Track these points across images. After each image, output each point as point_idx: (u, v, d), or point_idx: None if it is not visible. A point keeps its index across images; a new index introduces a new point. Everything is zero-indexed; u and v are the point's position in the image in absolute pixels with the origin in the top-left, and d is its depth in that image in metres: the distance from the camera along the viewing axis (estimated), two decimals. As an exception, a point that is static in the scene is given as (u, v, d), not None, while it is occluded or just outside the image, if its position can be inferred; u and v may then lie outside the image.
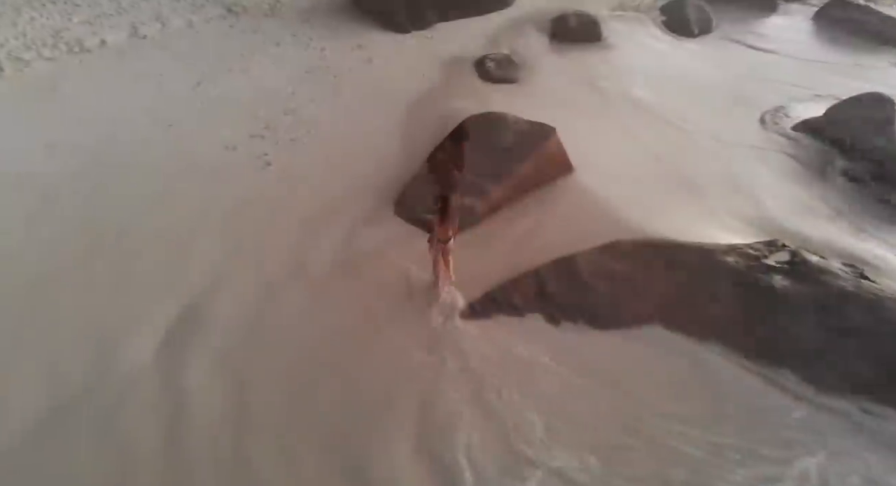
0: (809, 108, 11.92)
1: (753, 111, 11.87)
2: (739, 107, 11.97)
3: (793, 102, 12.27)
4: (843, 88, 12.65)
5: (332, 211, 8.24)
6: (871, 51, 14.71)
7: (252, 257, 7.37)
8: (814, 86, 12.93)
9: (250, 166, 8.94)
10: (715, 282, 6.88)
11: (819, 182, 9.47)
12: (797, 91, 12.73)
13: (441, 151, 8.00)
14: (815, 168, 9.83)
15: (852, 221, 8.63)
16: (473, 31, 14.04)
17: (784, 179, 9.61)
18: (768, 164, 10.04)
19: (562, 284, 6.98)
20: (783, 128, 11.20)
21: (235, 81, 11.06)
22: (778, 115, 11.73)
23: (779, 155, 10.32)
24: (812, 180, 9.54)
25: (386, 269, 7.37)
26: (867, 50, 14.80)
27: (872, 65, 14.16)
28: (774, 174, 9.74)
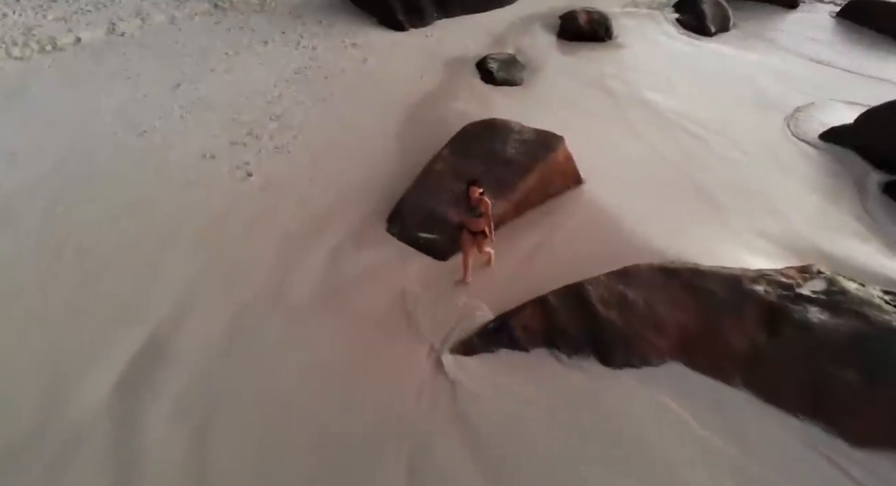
0: (836, 113, 11.28)
1: (776, 116, 11.22)
2: (760, 111, 11.32)
3: (817, 106, 11.62)
4: (870, 92, 12.04)
5: (317, 227, 7.63)
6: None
7: (225, 279, 6.77)
8: (839, 89, 12.27)
9: (229, 177, 8.34)
10: (742, 314, 6.23)
11: (852, 197, 8.81)
12: (822, 94, 12.08)
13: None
14: (846, 181, 9.19)
15: (890, 241, 7.97)
16: (476, 29, 13.41)
17: (812, 193, 8.96)
18: (794, 175, 9.39)
19: (570, 314, 6.34)
20: (809, 135, 10.54)
21: (218, 82, 10.46)
22: (802, 120, 11.08)
23: (805, 165, 9.67)
24: (844, 194, 8.89)
25: (375, 294, 6.76)
26: (894, 50, 14.11)
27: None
28: (801, 187, 9.09)
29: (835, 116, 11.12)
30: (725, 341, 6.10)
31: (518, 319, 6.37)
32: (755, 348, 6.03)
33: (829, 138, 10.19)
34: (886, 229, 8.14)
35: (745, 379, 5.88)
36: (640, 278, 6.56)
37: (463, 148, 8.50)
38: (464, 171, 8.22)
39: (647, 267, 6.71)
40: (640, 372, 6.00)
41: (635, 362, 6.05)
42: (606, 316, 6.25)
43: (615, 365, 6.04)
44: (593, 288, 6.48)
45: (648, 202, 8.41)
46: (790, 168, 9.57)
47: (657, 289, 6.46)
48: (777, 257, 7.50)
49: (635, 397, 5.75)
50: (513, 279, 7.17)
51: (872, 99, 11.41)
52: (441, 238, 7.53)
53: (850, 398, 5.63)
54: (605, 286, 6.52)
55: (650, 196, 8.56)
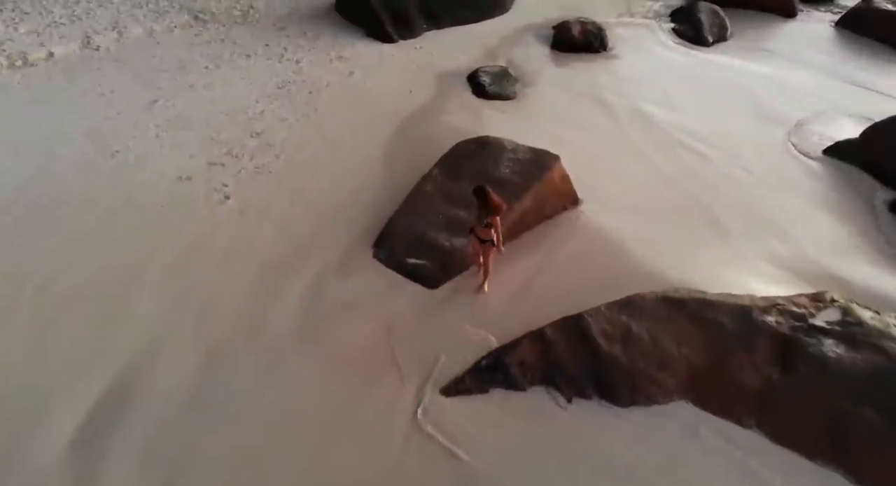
0: (839, 127, 11.01)
1: (777, 130, 10.95)
2: (761, 125, 11.05)
3: (820, 119, 11.35)
4: (873, 104, 11.80)
5: (298, 255, 7.26)
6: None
7: (197, 317, 6.38)
8: (841, 101, 12.03)
9: (206, 201, 7.96)
10: (753, 348, 5.91)
11: (860, 216, 8.53)
12: (823, 107, 11.81)
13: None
14: (853, 199, 8.91)
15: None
16: (467, 41, 13.12)
17: (819, 213, 8.67)
18: (800, 194, 9.10)
19: (570, 349, 5.99)
20: (812, 150, 10.27)
21: (197, 98, 10.09)
22: (805, 135, 10.80)
23: (811, 183, 9.39)
24: (852, 214, 8.61)
25: (359, 329, 6.39)
26: (894, 60, 13.91)
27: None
28: (808, 206, 8.80)
29: (838, 130, 10.86)
30: (736, 379, 5.77)
31: (514, 355, 6.01)
32: (768, 385, 5.71)
33: (834, 154, 9.94)
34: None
35: (759, 420, 5.55)
36: (644, 309, 6.23)
37: (454, 168, 8.17)
38: (454, 192, 7.90)
39: (650, 296, 6.38)
40: (646, 412, 5.66)
41: (641, 402, 5.71)
42: (609, 352, 5.91)
43: (620, 405, 5.69)
44: (594, 320, 6.14)
45: (649, 223, 8.11)
46: (795, 186, 9.28)
47: (662, 321, 6.12)
48: (786, 282, 7.19)
49: (642, 441, 5.40)
50: (509, 307, 6.82)
51: (875, 112, 11.21)
52: (431, 264, 7.18)
53: (871, 441, 5.32)
54: (606, 318, 6.18)
55: (650, 216, 8.25)
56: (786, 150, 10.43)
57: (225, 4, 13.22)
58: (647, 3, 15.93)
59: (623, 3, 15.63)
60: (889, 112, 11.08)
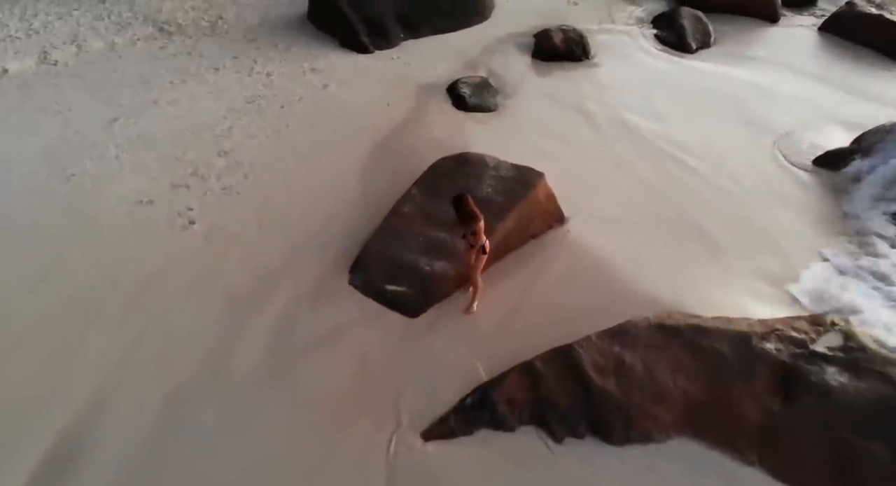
0: (828, 135, 10.91)
1: (765, 139, 10.81)
2: (749, 134, 10.91)
3: (808, 127, 11.25)
4: (860, 110, 11.74)
5: (268, 283, 6.88)
6: (885, 66, 13.84)
7: (158, 356, 5.97)
8: (829, 108, 11.96)
9: (168, 226, 7.55)
10: (753, 378, 5.67)
11: (856, 230, 8.34)
12: (810, 114, 11.73)
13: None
14: (849, 212, 8.71)
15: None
16: (446, 50, 12.84)
17: (812, 226, 8.51)
18: (792, 206, 8.94)
19: (561, 383, 5.69)
20: (801, 160, 10.13)
21: (161, 115, 9.66)
22: (793, 144, 10.67)
23: (803, 195, 9.23)
24: (846, 227, 8.41)
25: (334, 364, 6.03)
26: (881, 65, 13.93)
27: (889, 81, 13.26)
28: (800, 220, 8.63)
29: (826, 138, 10.77)
30: (737, 411, 5.53)
31: (501, 390, 5.69)
32: (769, 417, 5.47)
33: (824, 162, 9.80)
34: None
35: (760, 455, 5.31)
36: (638, 338, 5.95)
37: (433, 187, 7.85)
38: (435, 213, 7.57)
39: (643, 324, 6.10)
40: (643, 451, 5.38)
41: (636, 439, 5.44)
42: (602, 386, 5.61)
43: (614, 443, 5.39)
44: (585, 351, 5.85)
45: (637, 240, 7.87)
46: (787, 198, 9.12)
47: (657, 351, 5.85)
48: (782, 302, 6.99)
49: (639, 482, 5.09)
50: (495, 336, 6.51)
51: (863, 117, 11.17)
52: (411, 291, 6.85)
53: (879, 476, 5.07)
54: (598, 349, 5.89)
55: (639, 234, 8.01)
56: (775, 160, 10.29)
57: (192, 15, 12.81)
58: (629, 8, 15.81)
59: (604, 10, 15.48)
60: (876, 117, 11.12)
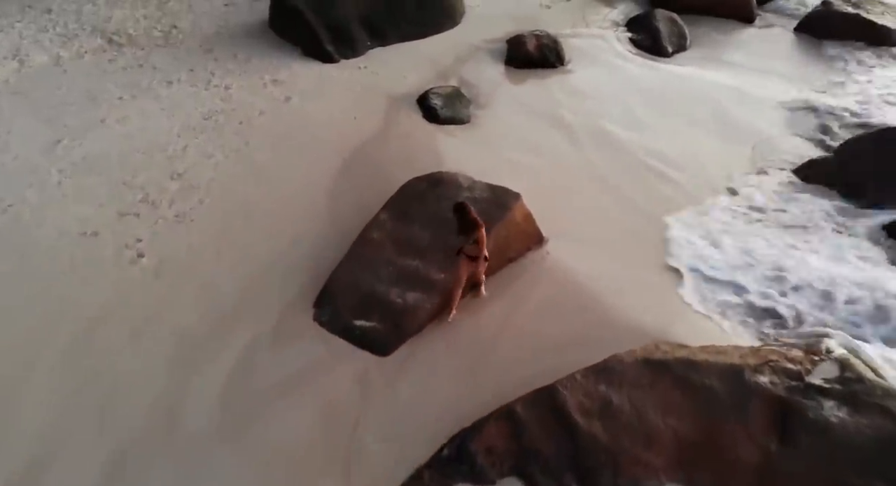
0: (808, 142, 10.76)
1: (745, 147, 10.61)
2: (729, 141, 10.72)
3: (788, 133, 11.09)
4: (843, 111, 11.63)
5: (225, 322, 6.43)
6: (864, 66, 13.78)
7: (101, 411, 5.52)
8: (810, 110, 11.78)
9: (115, 261, 7.05)
10: (748, 416, 5.37)
11: (844, 243, 8.14)
12: (791, 119, 11.55)
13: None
14: (835, 223, 8.51)
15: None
16: (415, 58, 12.46)
17: (798, 241, 8.25)
18: (770, 218, 8.69)
19: (544, 429, 5.33)
20: (783, 170, 9.94)
21: (108, 135, 9.10)
22: (773, 151, 10.50)
23: (787, 208, 8.98)
24: (833, 243, 8.20)
25: (297, 413, 5.62)
26: (860, 65, 13.84)
27: (867, 82, 13.20)
28: (785, 236, 8.37)
29: (808, 146, 10.63)
30: (731, 453, 5.22)
31: (480, 439, 5.31)
32: (766, 458, 5.18)
33: (807, 173, 9.63)
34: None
35: (760, 501, 4.97)
36: (625, 376, 5.62)
37: (404, 211, 7.46)
38: (406, 239, 7.21)
39: (630, 359, 5.78)
40: (632, 500, 5.02)
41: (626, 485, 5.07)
42: (588, 430, 5.27)
43: (602, 491, 5.04)
44: (569, 392, 5.50)
45: (620, 263, 7.57)
46: (767, 210, 8.88)
47: (646, 389, 5.53)
48: (775, 327, 6.71)
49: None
50: (472, 374, 6.16)
51: (845, 122, 11.08)
52: (381, 326, 6.45)
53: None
54: (582, 389, 5.54)
55: (621, 255, 7.73)
56: (755, 168, 10.09)
57: (144, 25, 12.22)
58: (603, 11, 15.61)
59: (578, 12, 15.24)
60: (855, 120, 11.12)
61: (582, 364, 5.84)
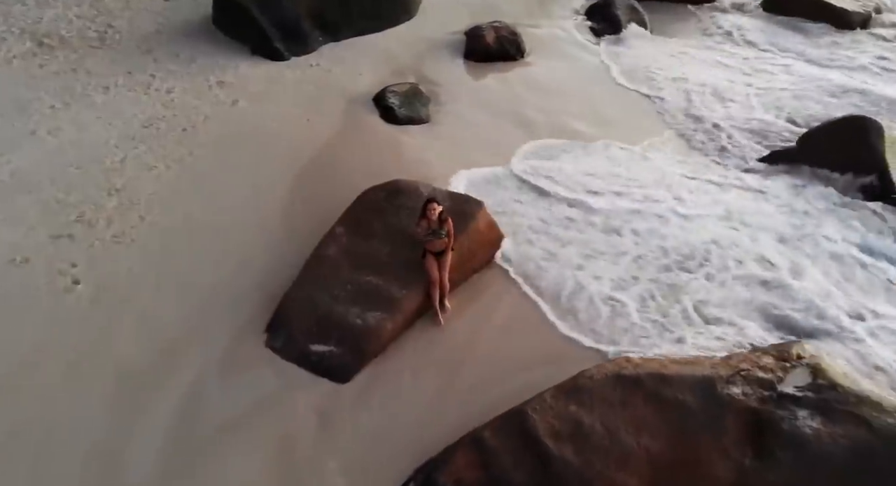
0: (776, 129, 10.70)
1: (710, 139, 10.51)
2: (693, 132, 10.60)
3: (754, 118, 10.99)
4: (807, 93, 11.65)
5: (169, 354, 6.04)
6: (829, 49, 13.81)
7: (36, 454, 5.12)
8: (773, 96, 11.73)
9: (48, 289, 6.55)
10: (722, 431, 5.27)
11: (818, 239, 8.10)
12: (757, 103, 11.47)
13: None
14: (799, 213, 8.49)
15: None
16: (370, 54, 12.04)
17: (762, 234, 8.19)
18: (732, 210, 8.60)
19: (514, 456, 5.14)
20: (748, 160, 9.89)
21: (40, 148, 8.51)
22: (737, 141, 10.44)
23: (751, 194, 8.90)
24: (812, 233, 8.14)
25: (249, 456, 5.27)
26: (828, 50, 13.86)
27: (831, 63, 13.22)
28: (749, 229, 8.29)
29: (774, 131, 10.58)
30: (705, 470, 5.14)
31: (448, 471, 5.09)
32: (741, 474, 5.08)
33: (772, 163, 9.59)
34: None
35: (736, 519, 4.87)
36: (595, 395, 5.45)
37: (361, 224, 7.13)
38: (364, 254, 6.89)
39: (600, 376, 5.61)
40: (607, 526, 4.86)
41: (600, 510, 4.91)
42: (559, 455, 5.10)
43: (575, 518, 4.87)
44: (539, 416, 5.31)
45: (587, 272, 7.37)
46: (726, 202, 8.79)
47: (617, 408, 5.38)
48: (748, 329, 6.62)
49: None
50: (438, 398, 5.92)
51: (809, 108, 11.11)
52: (340, 350, 6.14)
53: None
54: (553, 411, 5.36)
55: (588, 263, 7.51)
56: (723, 160, 10.03)
57: (77, 25, 11.49)
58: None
59: (536, 2, 14.94)
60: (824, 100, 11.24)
61: (552, 380, 5.66)
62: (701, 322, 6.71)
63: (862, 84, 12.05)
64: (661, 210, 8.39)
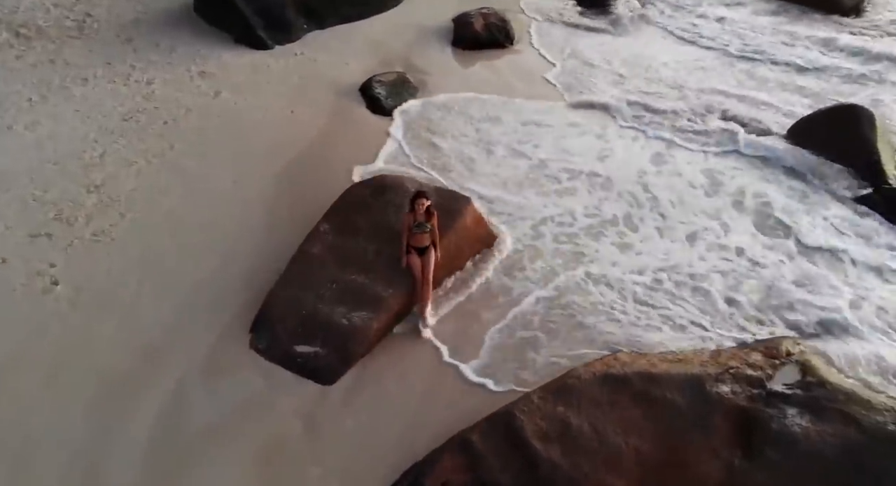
0: (765, 112, 10.52)
1: (709, 122, 10.28)
2: (694, 119, 10.39)
3: (746, 105, 10.79)
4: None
5: (150, 358, 5.91)
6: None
7: (12, 466, 4.99)
8: (773, 69, 11.58)
9: (25, 291, 6.40)
10: (711, 430, 5.22)
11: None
12: (751, 84, 11.30)
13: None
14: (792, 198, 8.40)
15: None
16: (356, 42, 11.80)
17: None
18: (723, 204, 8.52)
19: (502, 459, 5.05)
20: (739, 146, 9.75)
21: (17, 143, 8.29)
22: (730, 127, 10.29)
23: (738, 181, 8.80)
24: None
25: (232, 462, 5.18)
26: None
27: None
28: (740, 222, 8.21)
29: (763, 115, 10.43)
30: (694, 470, 5.08)
31: (434, 474, 5.00)
32: (730, 473, 5.03)
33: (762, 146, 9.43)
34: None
35: (726, 519, 4.84)
36: (583, 395, 5.38)
37: (346, 221, 6.99)
38: (350, 251, 6.76)
39: (588, 376, 5.54)
40: (595, 527, 4.82)
41: (588, 511, 4.87)
42: (547, 457, 5.02)
43: (564, 519, 4.83)
44: (526, 417, 5.24)
45: (577, 257, 7.29)
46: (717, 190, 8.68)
47: (605, 408, 5.31)
48: (733, 319, 6.56)
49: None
50: (423, 398, 5.81)
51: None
52: (325, 351, 6.03)
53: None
54: (540, 411, 5.29)
55: (577, 255, 7.42)
56: (714, 144, 9.87)
57: (55, 14, 11.19)
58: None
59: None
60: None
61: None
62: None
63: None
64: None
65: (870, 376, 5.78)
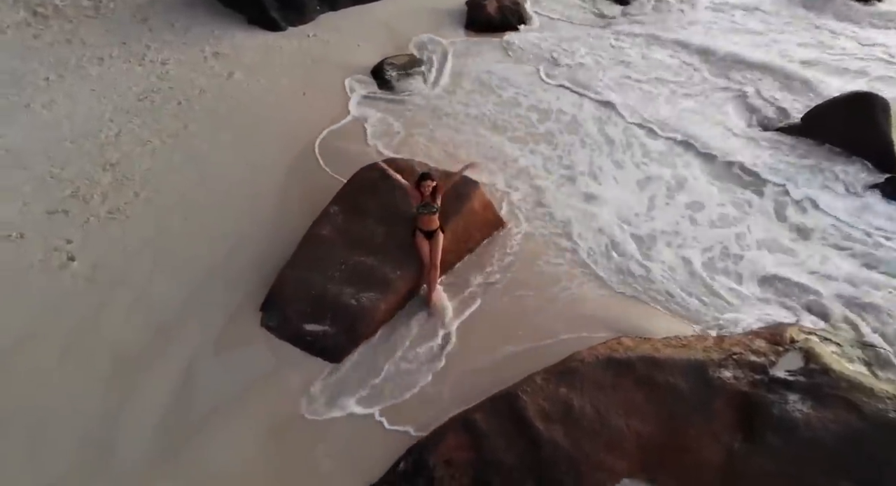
0: (781, 99, 10.35)
1: (726, 106, 10.18)
2: (710, 106, 10.23)
3: (759, 92, 10.63)
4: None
5: (164, 334, 6.01)
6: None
7: (30, 438, 5.13)
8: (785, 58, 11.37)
9: (43, 266, 6.51)
10: (712, 414, 5.24)
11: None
12: (762, 75, 11.09)
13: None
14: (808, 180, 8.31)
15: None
16: (368, 24, 11.73)
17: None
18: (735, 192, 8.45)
19: (505, 437, 5.12)
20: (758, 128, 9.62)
21: (33, 123, 8.37)
22: (746, 110, 10.16)
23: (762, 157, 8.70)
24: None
25: (242, 437, 5.28)
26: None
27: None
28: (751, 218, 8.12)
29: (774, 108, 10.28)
30: (695, 454, 5.12)
31: (438, 452, 5.09)
32: (730, 457, 5.09)
33: (781, 135, 9.33)
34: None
35: (724, 502, 4.88)
36: (586, 378, 5.41)
37: (355, 203, 7.00)
38: (358, 234, 6.78)
39: (591, 359, 5.56)
40: (594, 505, 4.88)
41: (588, 489, 4.93)
42: (549, 437, 5.08)
43: (565, 496, 4.89)
44: (529, 398, 5.28)
45: (582, 249, 7.27)
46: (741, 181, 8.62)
47: (608, 391, 5.34)
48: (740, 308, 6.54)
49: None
50: (431, 381, 5.84)
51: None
52: (334, 330, 6.08)
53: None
54: (543, 392, 5.33)
55: (583, 241, 7.39)
56: (740, 124, 9.74)
57: (71, -7, 11.21)
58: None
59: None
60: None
61: (548, 362, 5.63)
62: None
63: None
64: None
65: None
